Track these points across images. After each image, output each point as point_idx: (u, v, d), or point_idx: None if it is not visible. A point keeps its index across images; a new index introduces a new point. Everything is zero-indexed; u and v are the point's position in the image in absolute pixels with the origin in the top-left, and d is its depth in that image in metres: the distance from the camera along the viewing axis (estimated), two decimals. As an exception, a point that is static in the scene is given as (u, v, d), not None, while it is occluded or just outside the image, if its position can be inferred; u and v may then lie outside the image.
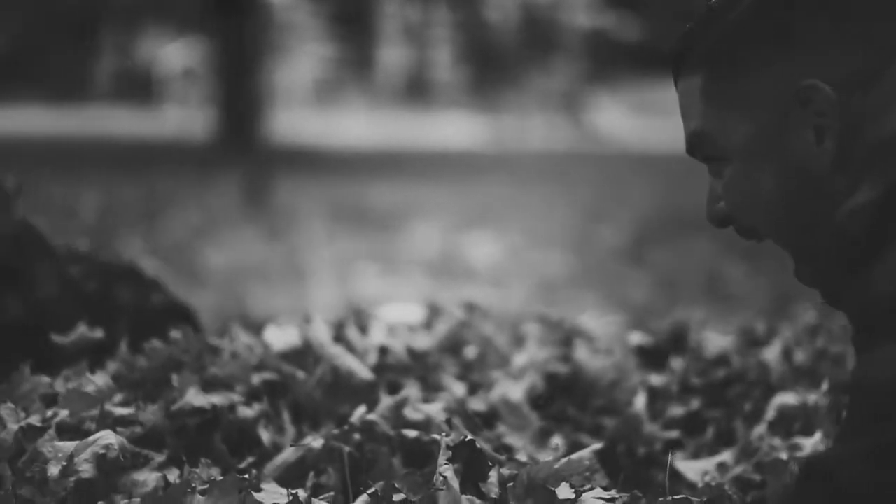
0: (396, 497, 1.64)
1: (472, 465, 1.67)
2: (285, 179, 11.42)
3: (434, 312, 2.91)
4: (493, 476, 1.67)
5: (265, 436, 2.14)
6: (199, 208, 9.60)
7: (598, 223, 8.70)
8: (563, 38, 26.35)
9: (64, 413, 2.27)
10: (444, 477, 1.60)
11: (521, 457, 2.00)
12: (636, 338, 2.75)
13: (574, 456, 1.71)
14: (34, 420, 2.25)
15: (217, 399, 2.14)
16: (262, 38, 14.98)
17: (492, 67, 31.75)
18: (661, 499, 1.69)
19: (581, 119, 24.71)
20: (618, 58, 26.92)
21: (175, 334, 2.40)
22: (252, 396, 2.22)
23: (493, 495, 1.66)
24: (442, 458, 1.61)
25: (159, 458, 2.09)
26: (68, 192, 9.55)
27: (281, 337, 2.48)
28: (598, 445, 1.82)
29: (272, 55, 19.86)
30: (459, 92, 31.82)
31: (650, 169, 14.68)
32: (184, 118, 24.72)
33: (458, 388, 2.39)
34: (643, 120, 25.53)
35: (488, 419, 2.19)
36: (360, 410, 2.09)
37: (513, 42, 30.84)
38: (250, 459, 2.10)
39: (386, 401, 2.11)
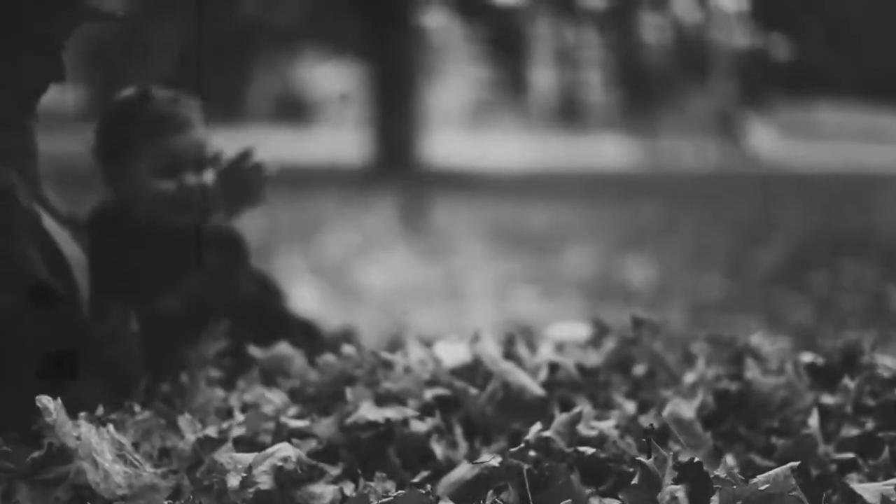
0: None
1: (697, 486, 1.67)
2: (441, 201, 11.51)
3: (601, 330, 2.90)
4: (715, 499, 1.67)
5: (438, 450, 2.16)
6: (356, 229, 9.72)
7: (756, 245, 8.59)
8: (717, 59, 26.08)
9: (240, 425, 2.33)
10: (675, 498, 1.60)
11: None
12: (807, 357, 2.71)
13: (772, 474, 1.69)
14: (211, 431, 2.30)
15: (391, 413, 2.17)
16: (417, 61, 15.12)
17: (645, 89, 31.57)
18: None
19: (737, 140, 24.42)
20: (771, 79, 26.57)
21: (348, 349, 2.45)
22: (425, 411, 2.24)
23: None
24: (668, 479, 1.61)
25: (334, 471, 2.12)
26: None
27: (451, 353, 2.50)
28: (794, 464, 1.79)
29: (426, 77, 20.03)
30: (612, 114, 31.70)
31: (806, 191, 14.45)
32: (339, 140, 25.06)
33: (629, 406, 2.39)
34: (797, 142, 25.15)
35: (660, 437, 2.18)
36: (536, 427, 2.10)
37: (666, 63, 30.62)
38: (424, 474, 2.12)
39: (560, 417, 2.11)
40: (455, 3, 19.93)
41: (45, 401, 2.16)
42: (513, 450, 2.01)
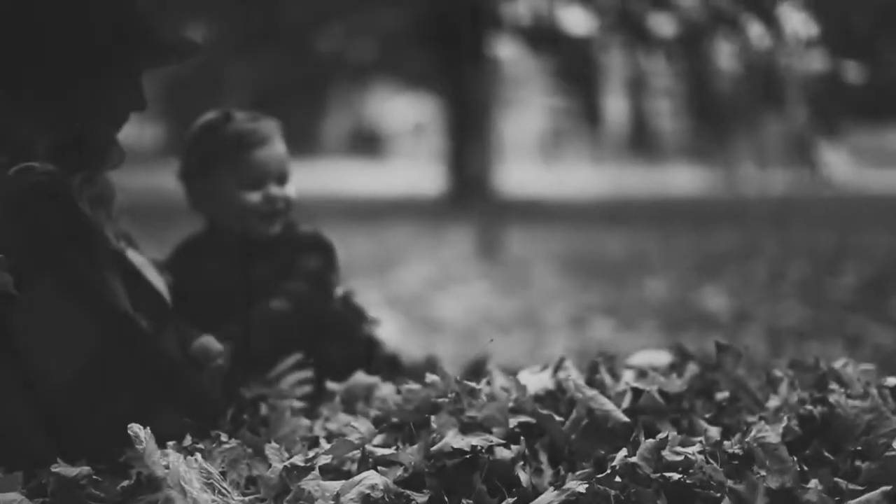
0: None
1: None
2: (516, 230, 11.53)
3: (683, 357, 2.90)
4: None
5: (524, 477, 2.17)
6: (432, 260, 9.76)
7: (832, 270, 8.52)
8: (790, 85, 25.91)
9: (326, 453, 2.35)
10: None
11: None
12: (892, 381, 2.69)
13: (863, 499, 1.69)
14: (298, 460, 2.33)
15: (476, 440, 2.18)
16: (491, 92, 15.16)
17: (717, 116, 31.40)
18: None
19: (812, 166, 24.23)
20: (844, 104, 26.35)
21: (431, 377, 2.47)
22: (510, 438, 2.26)
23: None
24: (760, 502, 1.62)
25: (421, 498, 2.14)
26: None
27: (533, 381, 2.52)
28: (886, 488, 1.79)
29: (500, 108, 20.09)
30: (685, 141, 31.56)
31: (881, 215, 14.31)
32: (414, 172, 25.19)
33: (713, 431, 2.39)
34: (870, 166, 24.91)
35: (746, 462, 2.18)
36: (622, 453, 2.10)
37: (738, 90, 30.44)
38: (510, 501, 2.13)
39: (646, 443, 2.12)
40: (527, 34, 19.97)
41: (135, 429, 2.20)
42: (599, 476, 2.02)
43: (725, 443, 2.27)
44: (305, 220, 3.24)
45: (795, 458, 2.27)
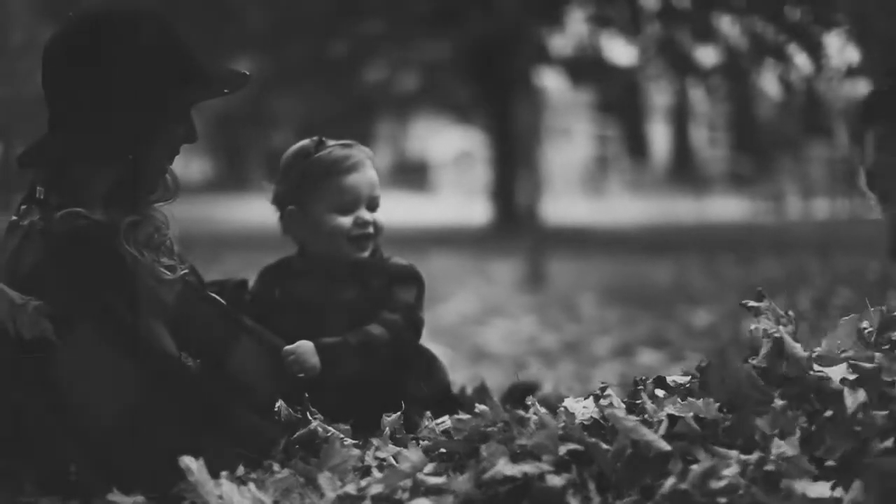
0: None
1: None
2: (561, 261, 11.54)
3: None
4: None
5: (574, 504, 2.19)
6: (477, 291, 9.79)
7: (883, 298, 8.47)
8: (834, 113, 25.82)
9: (378, 482, 2.38)
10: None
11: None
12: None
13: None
14: (350, 489, 2.37)
15: (527, 468, 2.21)
16: (535, 122, 15.20)
17: (761, 144, 31.29)
18: None
19: (861, 192, 24.11)
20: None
21: (481, 407, 2.51)
22: (559, 466, 2.29)
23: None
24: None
25: (472, 525, 2.17)
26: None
27: (578, 408, 2.54)
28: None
29: (544, 137, 20.12)
30: (729, 169, 31.47)
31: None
32: (459, 203, 25.23)
33: (753, 456, 2.40)
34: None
35: (776, 477, 2.19)
36: (671, 481, 2.13)
37: (782, 118, 30.34)
38: (561, 527, 2.16)
39: (695, 470, 2.14)
40: (569, 65, 20.01)
41: (186, 461, 2.24)
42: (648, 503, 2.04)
43: (750, 459, 2.27)
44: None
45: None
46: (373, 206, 3.15)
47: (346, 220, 3.11)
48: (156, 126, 2.69)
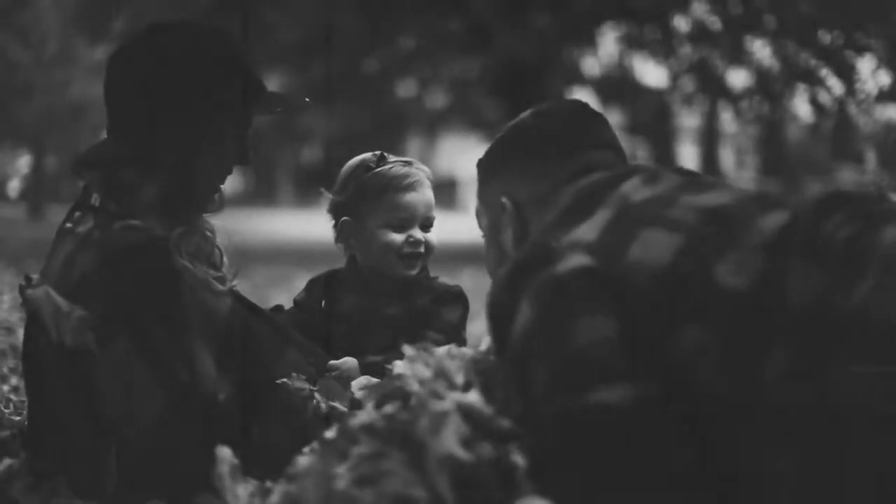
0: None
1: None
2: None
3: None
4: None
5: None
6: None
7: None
8: (862, 136, 25.77)
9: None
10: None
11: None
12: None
13: None
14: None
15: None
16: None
17: (789, 166, 31.25)
18: None
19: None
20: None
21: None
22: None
23: None
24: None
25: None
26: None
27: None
28: None
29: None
30: (760, 187, 31.38)
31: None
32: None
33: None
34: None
35: None
36: None
37: (811, 141, 30.30)
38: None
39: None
40: (598, 85, 20.05)
41: (224, 453, 2.21)
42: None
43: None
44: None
45: None
46: (426, 225, 3.16)
47: (398, 237, 3.11)
48: (212, 140, 2.70)
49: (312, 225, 3.35)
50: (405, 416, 1.99)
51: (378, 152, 3.20)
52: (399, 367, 2.13)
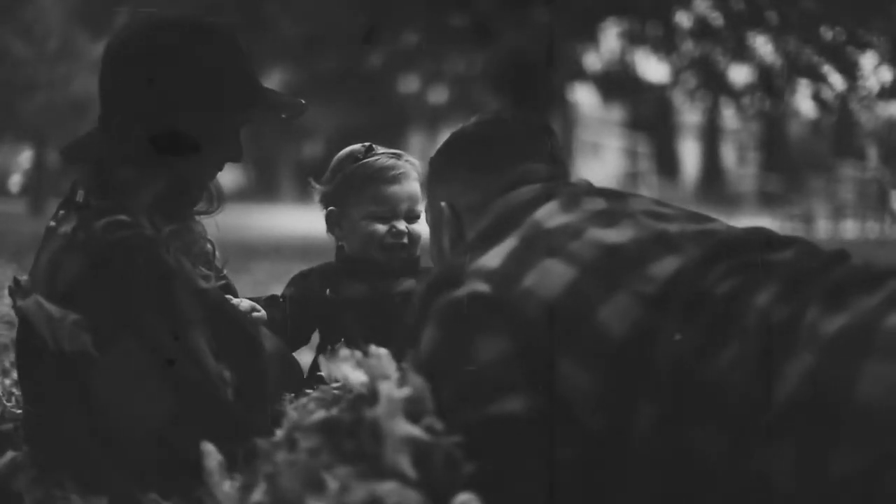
0: None
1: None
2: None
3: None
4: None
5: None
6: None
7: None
8: (864, 133, 25.77)
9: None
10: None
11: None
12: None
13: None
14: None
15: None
16: (566, 137, 15.19)
17: (791, 163, 31.22)
18: None
19: (888, 213, 24.03)
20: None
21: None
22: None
23: None
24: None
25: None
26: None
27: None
28: None
29: (575, 152, 20.13)
30: (761, 185, 31.41)
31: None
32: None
33: None
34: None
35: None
36: None
37: (813, 138, 30.28)
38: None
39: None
40: (600, 80, 20.03)
41: (209, 448, 2.21)
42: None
43: None
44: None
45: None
46: (412, 217, 3.20)
47: (381, 228, 3.16)
48: (208, 139, 2.67)
49: (314, 221, 3.34)
50: (351, 415, 2.08)
51: (367, 143, 3.24)
52: (330, 368, 2.19)
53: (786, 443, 1.84)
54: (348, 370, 2.14)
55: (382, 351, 2.71)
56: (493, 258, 2.22)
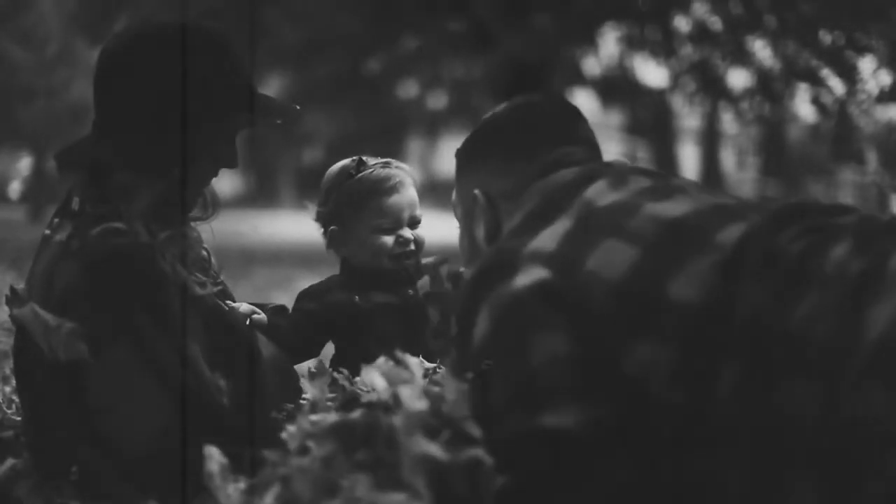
0: None
1: None
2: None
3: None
4: None
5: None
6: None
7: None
8: (863, 136, 25.77)
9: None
10: None
11: None
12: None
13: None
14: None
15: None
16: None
17: (790, 166, 31.22)
18: None
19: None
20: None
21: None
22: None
23: None
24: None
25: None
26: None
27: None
28: None
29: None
30: (760, 190, 31.41)
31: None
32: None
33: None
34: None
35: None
36: None
37: (812, 141, 30.26)
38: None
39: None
40: (599, 85, 20.03)
41: (213, 452, 2.20)
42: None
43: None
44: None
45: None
46: (413, 223, 3.21)
47: (388, 240, 3.17)
48: (203, 146, 2.67)
49: (314, 227, 3.33)
50: (368, 419, 2.00)
51: (356, 158, 3.22)
52: (371, 377, 2.13)
53: (876, 385, 1.83)
54: (377, 378, 2.09)
55: (413, 360, 2.71)
56: (548, 240, 2.17)
